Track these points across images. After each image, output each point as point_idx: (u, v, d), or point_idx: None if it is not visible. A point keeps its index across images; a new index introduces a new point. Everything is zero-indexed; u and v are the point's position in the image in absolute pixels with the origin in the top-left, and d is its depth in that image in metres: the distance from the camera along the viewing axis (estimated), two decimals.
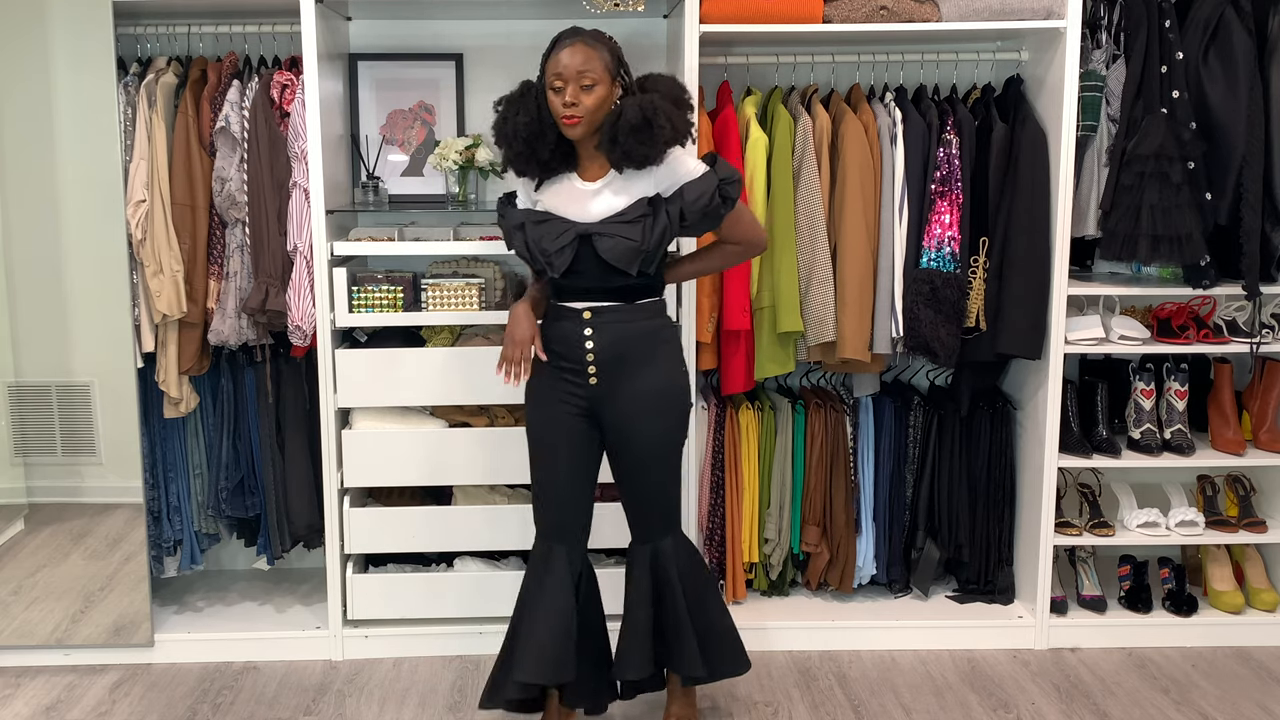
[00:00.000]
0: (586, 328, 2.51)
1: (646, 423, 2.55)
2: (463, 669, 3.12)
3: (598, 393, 2.54)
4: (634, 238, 2.43)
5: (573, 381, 2.55)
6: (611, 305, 2.51)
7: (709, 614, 2.67)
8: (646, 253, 2.44)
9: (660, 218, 2.44)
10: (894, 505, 3.36)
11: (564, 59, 2.39)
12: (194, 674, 3.09)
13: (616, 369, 2.52)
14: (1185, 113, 3.01)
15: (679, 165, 2.46)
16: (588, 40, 2.42)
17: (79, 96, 3.00)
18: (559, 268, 2.47)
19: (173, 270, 3.01)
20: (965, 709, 2.90)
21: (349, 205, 3.27)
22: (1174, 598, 3.32)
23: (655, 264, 2.51)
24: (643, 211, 2.45)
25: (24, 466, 3.20)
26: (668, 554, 2.62)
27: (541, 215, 2.52)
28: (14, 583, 3.17)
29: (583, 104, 2.39)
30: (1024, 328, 3.09)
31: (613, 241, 2.43)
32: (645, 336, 2.54)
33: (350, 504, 3.13)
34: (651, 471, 2.59)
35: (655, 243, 2.44)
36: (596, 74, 2.39)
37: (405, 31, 3.38)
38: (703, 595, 2.67)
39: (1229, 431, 3.28)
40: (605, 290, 2.50)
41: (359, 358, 3.06)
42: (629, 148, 2.39)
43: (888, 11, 3.01)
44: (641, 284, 2.51)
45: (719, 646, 2.68)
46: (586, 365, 2.53)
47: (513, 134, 2.49)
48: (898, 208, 3.09)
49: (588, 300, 2.51)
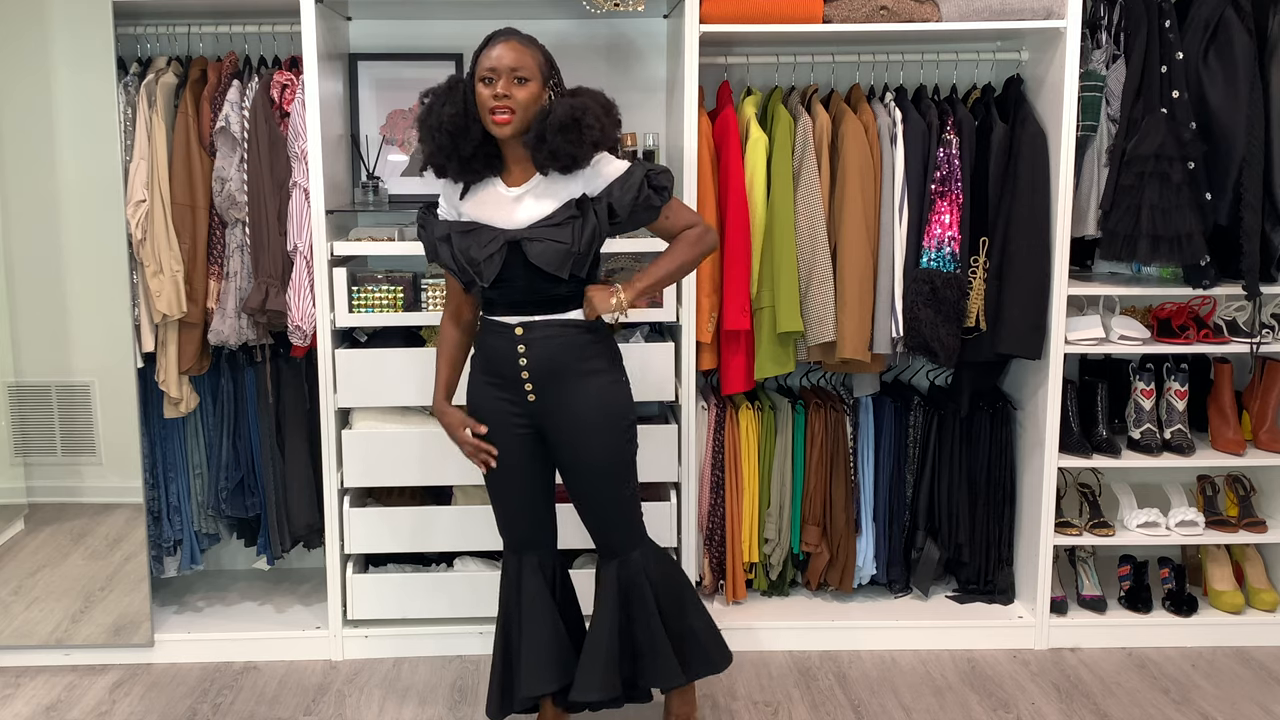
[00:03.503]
0: (519, 344, 2.45)
1: (588, 441, 2.49)
2: (463, 669, 3.12)
3: (537, 409, 2.50)
4: (564, 240, 2.37)
5: (512, 400, 2.50)
6: (543, 319, 2.45)
7: (686, 617, 2.62)
8: (577, 255, 2.38)
9: (589, 218, 2.39)
10: (894, 505, 3.36)
11: (497, 53, 2.34)
12: (194, 674, 3.10)
13: (552, 384, 2.47)
14: (1185, 113, 3.01)
15: (604, 165, 2.42)
16: (522, 40, 2.39)
17: (79, 96, 3.00)
18: (488, 277, 2.40)
19: (173, 270, 3.01)
20: (965, 709, 2.90)
21: (349, 205, 3.27)
22: (1174, 598, 3.32)
23: (586, 269, 2.44)
24: (571, 213, 2.39)
25: (24, 466, 3.20)
26: (636, 565, 2.57)
27: (468, 225, 2.45)
28: (14, 583, 3.17)
29: (515, 97, 2.33)
30: (1024, 328, 3.09)
31: (542, 246, 2.37)
32: (578, 349, 2.46)
33: (350, 504, 3.13)
34: (602, 489, 2.53)
35: (586, 244, 2.39)
36: (529, 71, 2.35)
37: (405, 31, 3.38)
38: (679, 599, 2.62)
39: (1229, 431, 3.28)
40: (536, 302, 2.44)
41: (359, 358, 3.06)
42: (556, 146, 2.34)
43: (888, 11, 3.01)
44: (572, 294, 2.45)
45: (696, 646, 2.63)
46: (523, 382, 2.47)
47: (436, 125, 2.40)
48: (898, 208, 3.09)
49: (518, 314, 2.45)
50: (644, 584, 2.57)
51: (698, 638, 2.65)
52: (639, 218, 2.45)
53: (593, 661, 2.54)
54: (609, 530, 2.58)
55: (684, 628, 2.63)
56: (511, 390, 2.49)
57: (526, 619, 2.59)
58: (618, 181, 2.41)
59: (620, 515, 2.58)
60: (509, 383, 2.49)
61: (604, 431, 2.50)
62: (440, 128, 2.40)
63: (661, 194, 2.44)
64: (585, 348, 2.47)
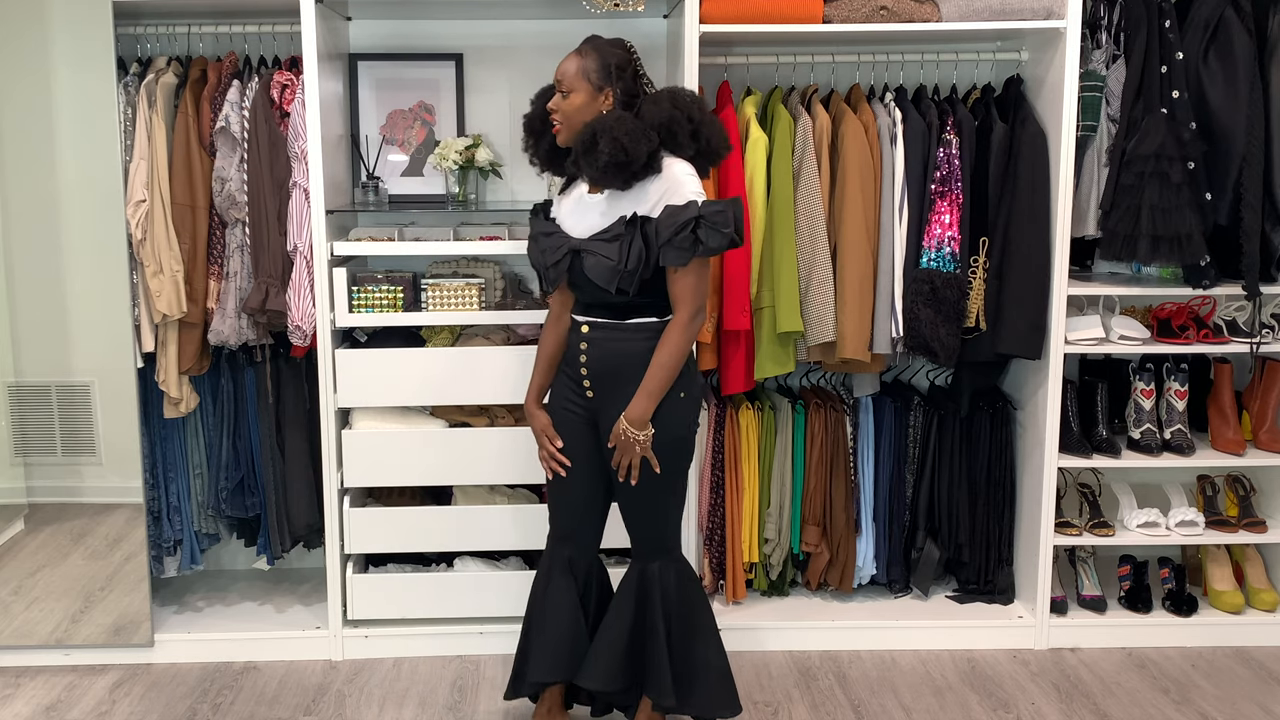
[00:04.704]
0: (583, 341, 2.54)
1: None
2: (463, 669, 3.12)
3: (594, 405, 2.55)
4: (611, 257, 2.40)
5: (576, 391, 2.58)
6: (606, 322, 2.51)
7: (694, 649, 2.60)
8: (624, 273, 2.39)
9: (637, 239, 2.39)
10: (894, 505, 3.36)
11: (560, 64, 2.46)
12: (194, 674, 3.10)
13: (610, 385, 2.51)
14: (1185, 113, 3.01)
15: (670, 184, 2.39)
16: (584, 47, 2.46)
17: (79, 96, 3.00)
18: (554, 282, 2.55)
19: (173, 270, 3.01)
20: (965, 709, 2.90)
21: (349, 205, 3.27)
22: (1174, 598, 3.32)
23: (635, 284, 2.41)
24: (620, 231, 2.41)
25: (24, 466, 3.20)
26: (652, 577, 2.58)
27: (550, 228, 2.56)
28: (14, 583, 3.17)
29: (560, 109, 2.45)
30: (1024, 328, 3.09)
31: (594, 259, 2.43)
32: (638, 357, 2.47)
33: (350, 504, 3.13)
34: (638, 495, 2.54)
35: (633, 263, 2.38)
36: (572, 82, 2.43)
37: (405, 31, 3.38)
38: (691, 628, 2.61)
39: (1229, 431, 3.28)
40: (601, 306, 2.51)
41: (359, 358, 3.06)
42: (581, 166, 2.41)
43: (888, 11, 3.01)
44: (634, 303, 2.46)
45: (702, 684, 2.60)
46: (583, 378, 2.55)
47: (527, 121, 2.58)
48: (898, 208, 3.09)
49: (587, 315, 2.54)
50: (655, 595, 2.58)
51: (707, 672, 2.61)
52: (670, 256, 2.38)
53: (600, 652, 2.60)
54: (636, 535, 2.62)
55: (692, 654, 2.60)
56: (576, 384, 2.58)
57: (549, 609, 2.65)
58: (669, 209, 2.38)
59: (648, 524, 2.59)
60: (574, 377, 2.58)
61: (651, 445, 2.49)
62: (529, 124, 2.58)
63: (698, 246, 2.36)
64: (645, 355, 2.47)
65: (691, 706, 2.61)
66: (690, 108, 2.42)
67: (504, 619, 3.16)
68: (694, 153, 2.44)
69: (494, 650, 3.18)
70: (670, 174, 2.39)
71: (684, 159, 2.43)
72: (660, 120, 2.38)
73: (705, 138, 2.43)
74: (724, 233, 2.36)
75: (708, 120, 2.44)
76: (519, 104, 2.79)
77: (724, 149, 2.50)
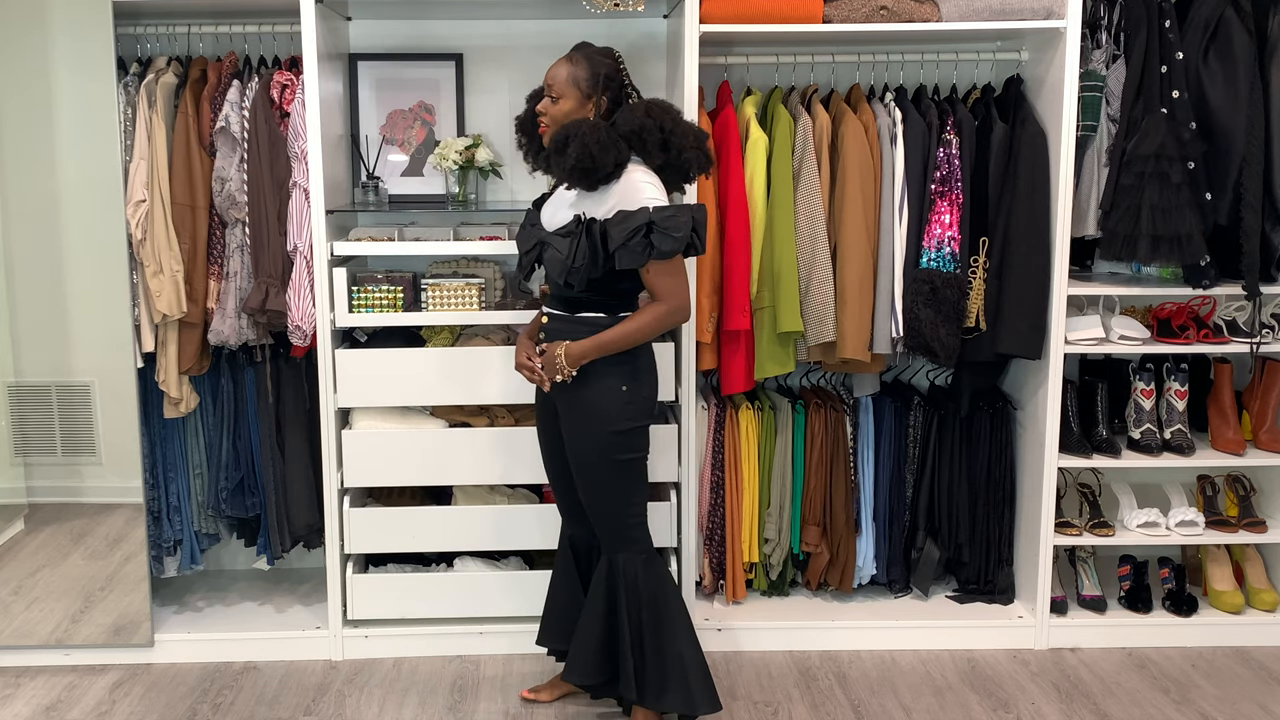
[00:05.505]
0: (542, 330, 2.65)
1: (575, 439, 2.60)
2: (463, 669, 3.12)
3: (551, 394, 2.63)
4: (562, 251, 2.48)
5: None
6: (560, 314, 2.61)
7: (664, 645, 2.61)
8: (572, 268, 2.46)
9: (583, 239, 2.45)
10: (894, 505, 3.36)
11: (550, 68, 2.56)
12: (194, 674, 3.10)
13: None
14: (1185, 113, 3.01)
15: (626, 190, 2.44)
16: (574, 55, 2.56)
17: (79, 97, 3.00)
18: (523, 269, 2.66)
19: (173, 270, 3.01)
20: (965, 709, 2.90)
21: (349, 205, 3.27)
22: (1174, 598, 3.32)
23: (581, 280, 2.47)
24: (572, 228, 2.48)
25: (24, 466, 3.20)
26: (617, 570, 2.63)
27: (535, 219, 2.66)
28: (14, 583, 3.17)
29: (549, 113, 2.55)
30: (1024, 328, 3.09)
31: (551, 253, 2.53)
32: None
33: (350, 504, 3.13)
34: (586, 488, 2.63)
35: (579, 260, 2.44)
36: (561, 88, 2.54)
37: (405, 31, 3.38)
38: (659, 623, 2.62)
39: (1229, 431, 3.28)
40: (559, 299, 2.61)
41: (359, 358, 3.06)
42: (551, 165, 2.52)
43: (888, 11, 3.01)
44: (583, 299, 2.55)
45: (677, 681, 2.60)
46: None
47: (519, 122, 2.72)
48: (898, 208, 3.09)
49: (551, 306, 2.65)
50: (622, 588, 2.61)
51: (681, 668, 2.61)
52: (625, 259, 2.44)
53: (579, 647, 2.69)
54: (598, 528, 2.67)
55: (662, 650, 2.61)
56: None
57: (553, 582, 2.87)
58: (620, 215, 2.43)
59: (604, 517, 2.64)
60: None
61: (588, 433, 2.57)
62: (518, 126, 2.72)
63: (651, 251, 2.41)
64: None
65: (667, 703, 2.63)
66: (664, 118, 2.47)
67: (504, 619, 3.17)
68: (662, 163, 2.47)
69: (494, 650, 3.18)
70: (628, 180, 2.45)
71: (651, 168, 2.47)
72: (632, 128, 2.44)
73: (676, 149, 2.46)
74: (675, 237, 2.40)
75: (682, 133, 2.48)
76: (519, 104, 2.80)
77: (695, 165, 2.52)
